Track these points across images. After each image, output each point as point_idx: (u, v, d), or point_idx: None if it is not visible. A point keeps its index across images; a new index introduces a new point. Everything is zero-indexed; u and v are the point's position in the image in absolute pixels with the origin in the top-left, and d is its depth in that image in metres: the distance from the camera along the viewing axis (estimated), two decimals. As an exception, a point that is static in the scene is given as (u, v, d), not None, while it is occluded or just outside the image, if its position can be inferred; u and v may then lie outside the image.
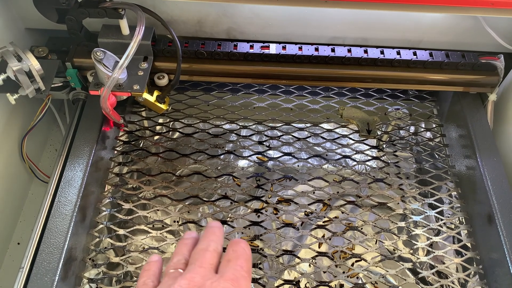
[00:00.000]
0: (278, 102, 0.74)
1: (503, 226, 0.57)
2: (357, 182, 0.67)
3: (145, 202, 0.63)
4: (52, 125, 0.84)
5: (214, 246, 0.39)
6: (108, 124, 0.66)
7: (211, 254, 0.38)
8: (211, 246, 0.39)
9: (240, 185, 0.73)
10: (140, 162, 0.67)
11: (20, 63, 0.58)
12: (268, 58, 0.67)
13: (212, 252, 0.38)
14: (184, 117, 0.72)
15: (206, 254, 0.38)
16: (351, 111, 0.73)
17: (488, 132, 0.67)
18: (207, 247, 0.39)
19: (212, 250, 0.38)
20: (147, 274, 0.38)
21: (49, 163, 0.80)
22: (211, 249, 0.39)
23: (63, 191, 0.57)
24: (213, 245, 0.39)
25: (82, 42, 0.63)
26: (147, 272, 0.39)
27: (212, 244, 0.39)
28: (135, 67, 0.62)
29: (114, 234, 0.59)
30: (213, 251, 0.38)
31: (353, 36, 0.71)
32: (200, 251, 0.39)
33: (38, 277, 0.51)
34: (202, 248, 0.39)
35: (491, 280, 0.57)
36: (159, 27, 0.64)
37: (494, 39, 0.68)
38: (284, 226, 0.62)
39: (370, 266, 0.59)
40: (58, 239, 0.53)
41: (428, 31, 0.70)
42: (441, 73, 0.68)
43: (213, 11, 0.68)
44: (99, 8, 0.58)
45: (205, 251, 0.38)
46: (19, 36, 0.70)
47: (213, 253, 0.38)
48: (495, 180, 0.62)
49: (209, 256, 0.38)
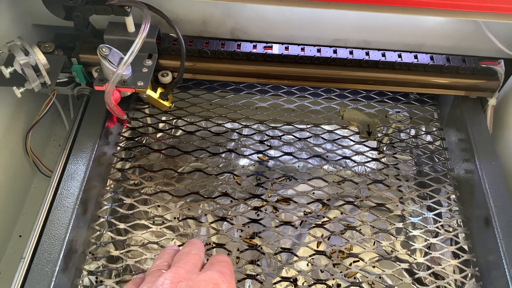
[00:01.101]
0: (280, 102, 0.75)
1: (499, 229, 0.58)
2: (357, 183, 0.67)
3: (146, 197, 0.64)
4: (56, 121, 0.85)
5: (197, 251, 0.40)
6: (112, 120, 0.67)
7: (194, 256, 0.39)
8: (193, 250, 0.40)
9: (240, 183, 0.73)
10: (143, 158, 0.68)
11: (27, 57, 0.59)
12: (270, 58, 0.68)
13: (194, 255, 0.39)
14: (186, 115, 0.73)
15: (189, 255, 0.39)
16: (352, 113, 0.74)
17: (487, 137, 0.67)
18: (189, 251, 0.40)
19: (195, 254, 0.40)
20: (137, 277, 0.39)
21: (52, 158, 0.80)
22: (193, 252, 0.40)
23: (65, 184, 0.58)
24: (195, 251, 0.40)
25: (88, 39, 0.64)
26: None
27: (194, 249, 0.40)
28: (139, 64, 0.63)
29: (115, 228, 0.60)
30: (196, 255, 0.39)
31: (355, 38, 0.72)
32: (183, 254, 0.40)
33: (39, 267, 0.51)
34: (184, 251, 0.40)
35: (487, 282, 0.58)
36: (164, 25, 0.65)
37: (494, 44, 0.69)
38: (283, 224, 0.63)
39: (367, 266, 0.60)
40: (60, 231, 0.54)
41: (430, 35, 0.71)
42: (441, 77, 0.69)
43: (218, 11, 0.69)
44: (105, 5, 0.59)
45: (187, 253, 0.39)
46: (26, 32, 0.71)
47: (195, 256, 0.39)
48: (493, 184, 0.62)
49: (192, 257, 0.39)
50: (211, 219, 0.68)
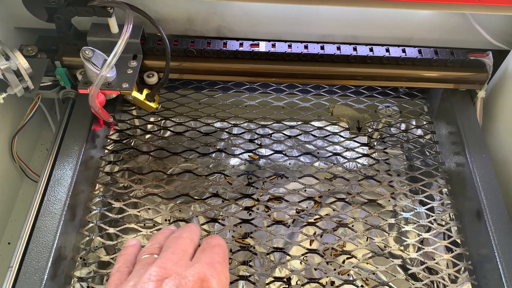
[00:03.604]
0: (269, 100, 0.74)
1: (491, 222, 0.58)
2: (348, 180, 0.67)
3: (136, 200, 0.63)
4: (43, 124, 0.84)
5: (189, 235, 0.38)
6: (98, 123, 0.66)
7: (185, 240, 0.37)
8: (185, 234, 0.38)
9: (231, 183, 0.73)
10: (131, 161, 0.67)
11: (8, 61, 0.57)
12: (257, 56, 0.67)
13: (185, 239, 0.38)
14: (175, 115, 0.72)
15: (179, 241, 0.37)
16: (341, 109, 0.73)
17: (477, 129, 0.67)
18: (181, 234, 0.38)
19: (186, 237, 0.38)
20: (123, 259, 0.38)
21: (40, 162, 0.79)
22: (184, 236, 0.38)
23: (52, 190, 0.57)
24: (187, 234, 0.38)
25: (71, 41, 0.63)
26: (123, 257, 0.38)
27: (186, 233, 0.39)
28: (124, 66, 0.62)
29: (105, 233, 0.59)
30: (187, 238, 0.38)
31: (342, 33, 0.72)
32: (174, 238, 0.38)
33: (27, 276, 0.51)
34: (176, 235, 0.38)
35: (480, 275, 0.58)
36: (148, 25, 0.64)
37: (482, 36, 0.69)
38: (275, 223, 0.63)
39: (361, 263, 0.60)
40: (47, 238, 0.53)
41: (418, 29, 0.71)
42: (430, 70, 0.68)
43: (203, 9, 0.68)
44: (87, 6, 0.58)
45: (178, 237, 0.38)
46: (9, 35, 0.70)
47: (186, 239, 0.38)
48: (484, 177, 0.62)
49: (183, 242, 0.37)
50: (202, 221, 0.67)
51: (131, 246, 0.40)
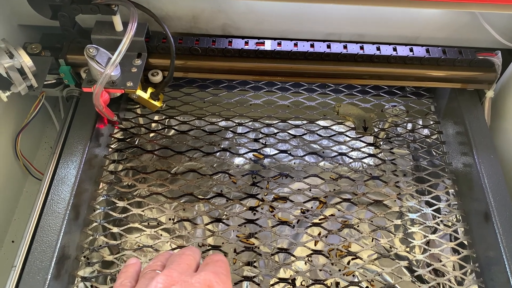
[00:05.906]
0: (274, 99, 0.73)
1: (499, 224, 0.57)
2: (353, 180, 0.66)
3: (140, 200, 0.63)
4: (47, 123, 0.83)
5: (191, 252, 0.39)
6: (102, 121, 0.65)
7: (188, 257, 0.38)
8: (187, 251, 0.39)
9: (235, 183, 0.72)
10: (135, 159, 0.67)
11: (11, 59, 0.57)
12: (263, 55, 0.67)
13: (188, 255, 0.38)
14: (179, 114, 0.71)
15: (183, 256, 0.38)
16: (347, 108, 0.73)
17: (485, 129, 0.66)
18: (183, 252, 0.39)
19: (188, 254, 0.38)
20: (125, 275, 0.38)
21: (44, 160, 0.79)
22: (187, 253, 0.39)
23: (56, 189, 0.57)
24: (189, 252, 0.39)
25: (75, 39, 0.63)
26: (124, 273, 0.38)
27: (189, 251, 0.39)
28: (128, 64, 0.62)
29: (109, 232, 0.59)
30: (189, 255, 0.38)
31: (349, 32, 0.71)
32: (176, 255, 0.39)
33: (30, 275, 0.50)
34: (178, 253, 0.39)
35: (488, 278, 0.57)
36: (153, 23, 0.63)
37: (491, 35, 0.68)
38: (279, 224, 0.62)
39: (366, 264, 0.59)
40: (51, 237, 0.53)
41: (425, 27, 0.70)
42: (438, 70, 0.67)
43: (208, 6, 0.67)
44: (92, 4, 0.58)
45: (181, 254, 0.38)
46: (13, 33, 0.69)
47: (189, 256, 0.38)
48: (491, 178, 0.61)
49: (186, 258, 0.38)
50: (206, 220, 0.67)
51: (131, 264, 0.40)
